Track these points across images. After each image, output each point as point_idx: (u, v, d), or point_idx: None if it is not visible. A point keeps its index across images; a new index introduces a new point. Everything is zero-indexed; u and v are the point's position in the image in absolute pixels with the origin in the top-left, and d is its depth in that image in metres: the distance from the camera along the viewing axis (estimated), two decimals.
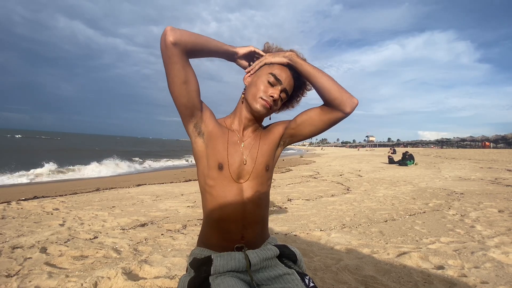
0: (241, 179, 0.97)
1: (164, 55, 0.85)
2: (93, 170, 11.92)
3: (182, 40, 0.84)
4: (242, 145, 1.00)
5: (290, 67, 0.99)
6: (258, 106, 0.96)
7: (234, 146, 0.98)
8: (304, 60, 0.98)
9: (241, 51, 0.99)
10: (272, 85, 0.97)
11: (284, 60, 0.97)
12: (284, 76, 0.98)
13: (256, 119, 1.02)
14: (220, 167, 0.94)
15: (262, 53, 1.02)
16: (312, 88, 1.01)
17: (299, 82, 1.03)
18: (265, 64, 1.00)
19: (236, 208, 0.94)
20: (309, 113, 1.00)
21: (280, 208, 4.26)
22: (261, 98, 0.96)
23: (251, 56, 1.03)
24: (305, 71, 0.96)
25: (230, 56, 1.00)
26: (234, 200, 0.94)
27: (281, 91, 0.98)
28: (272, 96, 0.96)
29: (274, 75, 0.96)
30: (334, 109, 0.95)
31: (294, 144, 1.14)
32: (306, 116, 1.01)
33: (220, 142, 0.96)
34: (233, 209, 0.94)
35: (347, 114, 0.95)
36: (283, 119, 1.10)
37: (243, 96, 1.02)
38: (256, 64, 1.01)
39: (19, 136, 70.59)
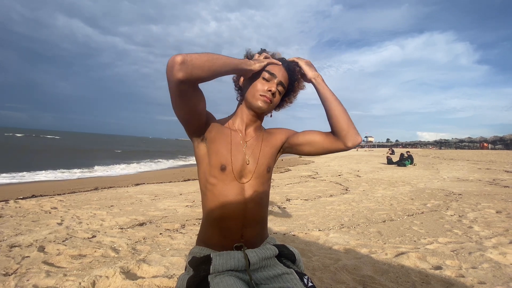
0: (243, 178, 0.98)
1: (172, 90, 0.78)
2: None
3: (193, 75, 0.76)
4: (245, 145, 1.01)
5: (288, 70, 1.02)
6: (259, 103, 0.99)
7: (237, 146, 0.99)
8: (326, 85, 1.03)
9: (256, 67, 0.96)
10: (267, 80, 0.99)
11: (310, 74, 1.03)
12: (277, 69, 1.01)
13: (258, 115, 1.05)
14: (223, 168, 0.95)
15: (275, 61, 1.00)
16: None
17: (294, 76, 1.05)
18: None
19: (237, 207, 0.95)
20: (313, 137, 1.04)
21: (279, 208, 4.27)
22: (261, 95, 0.98)
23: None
24: (325, 94, 1.01)
25: (245, 74, 0.97)
26: (236, 199, 0.95)
27: (277, 84, 1.01)
28: (270, 90, 0.99)
29: (268, 71, 0.99)
30: (337, 140, 1.00)
31: None
32: (309, 139, 1.04)
33: (223, 144, 0.97)
34: (234, 208, 0.95)
35: (347, 148, 0.99)
36: (283, 117, 1.13)
37: (241, 95, 1.05)
38: (297, 59, 1.06)
39: (21, 135, 69.71)
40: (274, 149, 1.06)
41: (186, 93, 0.80)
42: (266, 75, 0.99)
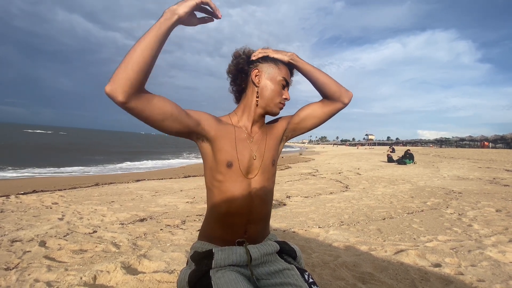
0: (250, 174, 0.98)
1: (131, 113, 0.75)
2: None
3: (126, 88, 0.70)
4: (251, 140, 1.01)
5: (289, 65, 1.04)
6: (278, 110, 1.03)
7: (242, 142, 0.99)
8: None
9: (182, 10, 0.78)
10: (283, 87, 1.03)
11: (286, 58, 1.02)
12: (290, 77, 1.05)
13: (265, 115, 1.06)
14: (229, 165, 0.94)
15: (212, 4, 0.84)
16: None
17: (292, 75, 1.09)
18: (268, 56, 1.01)
19: (243, 203, 0.95)
20: (311, 107, 1.08)
21: (279, 205, 4.28)
22: (280, 102, 1.03)
23: (201, 9, 0.85)
24: (307, 69, 1.04)
25: (173, 26, 0.79)
26: (242, 195, 0.95)
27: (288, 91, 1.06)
28: (286, 99, 1.04)
29: (285, 79, 1.02)
30: (334, 101, 1.06)
31: (296, 141, 1.16)
32: (309, 110, 1.08)
33: (227, 141, 0.96)
34: (240, 204, 0.95)
35: (346, 105, 1.07)
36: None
37: (257, 99, 1.00)
38: (259, 53, 1.01)
39: (40, 131, 70.06)
40: (277, 140, 1.07)
41: (139, 108, 0.75)
42: (284, 82, 1.02)
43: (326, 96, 1.06)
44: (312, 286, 0.88)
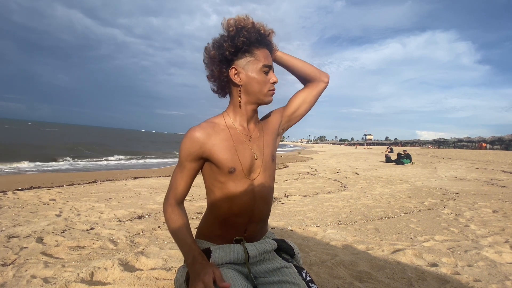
0: (252, 174, 0.95)
1: None
2: None
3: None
4: (250, 140, 0.98)
5: (266, 45, 0.97)
6: (269, 98, 0.98)
7: (242, 144, 0.95)
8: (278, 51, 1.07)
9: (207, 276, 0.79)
10: (266, 73, 0.95)
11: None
12: (270, 58, 0.97)
13: (257, 108, 1.01)
14: (232, 171, 0.92)
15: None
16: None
17: (272, 53, 1.02)
18: (239, 48, 0.92)
19: (246, 204, 0.94)
20: (301, 95, 1.11)
21: (277, 203, 4.29)
22: (269, 90, 0.96)
23: None
24: (285, 59, 1.09)
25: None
26: (245, 196, 0.93)
27: (273, 71, 0.99)
28: (274, 83, 0.97)
29: (266, 66, 0.94)
30: (317, 83, 1.11)
31: (294, 141, 1.14)
32: (300, 98, 1.11)
33: (226, 150, 0.92)
34: (242, 205, 0.93)
35: (327, 84, 1.12)
36: None
37: (240, 99, 0.96)
38: None
39: (41, 129, 70.26)
40: (274, 134, 1.05)
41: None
42: (265, 69, 0.94)
43: (308, 79, 1.10)
44: (310, 284, 0.88)
